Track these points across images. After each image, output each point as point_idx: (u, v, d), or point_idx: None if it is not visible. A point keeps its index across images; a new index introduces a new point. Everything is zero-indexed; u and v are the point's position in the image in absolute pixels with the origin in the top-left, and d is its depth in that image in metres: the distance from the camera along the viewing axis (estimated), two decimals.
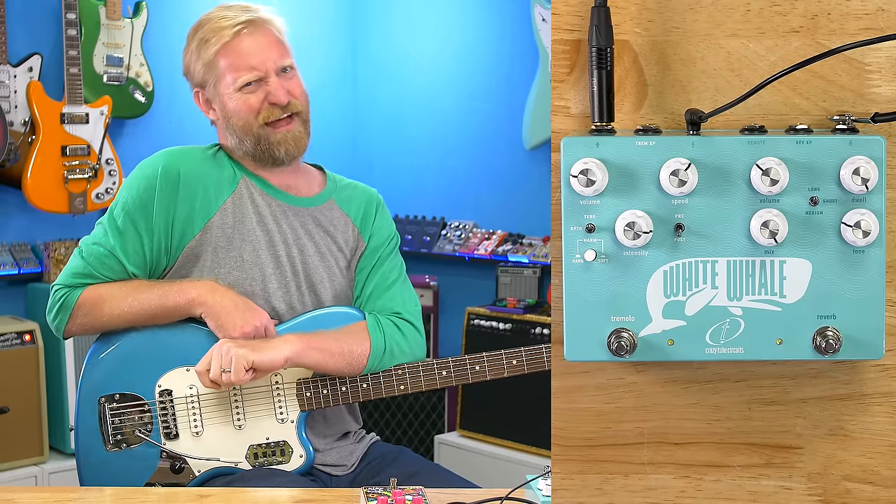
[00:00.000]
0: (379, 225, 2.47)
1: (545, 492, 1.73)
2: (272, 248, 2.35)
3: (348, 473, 2.38)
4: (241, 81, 2.34)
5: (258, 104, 2.34)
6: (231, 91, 2.35)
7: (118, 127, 4.71)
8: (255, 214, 2.35)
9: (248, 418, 2.30)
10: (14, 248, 4.51)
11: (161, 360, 2.30)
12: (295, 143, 2.36)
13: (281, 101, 2.34)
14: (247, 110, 2.34)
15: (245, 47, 2.35)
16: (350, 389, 2.33)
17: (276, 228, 2.36)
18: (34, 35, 4.49)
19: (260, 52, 2.35)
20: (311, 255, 2.38)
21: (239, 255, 2.32)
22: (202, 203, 2.31)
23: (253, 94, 2.34)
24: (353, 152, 5.46)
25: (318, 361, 2.28)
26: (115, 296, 2.28)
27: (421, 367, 2.35)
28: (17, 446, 4.18)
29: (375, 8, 5.45)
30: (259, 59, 2.34)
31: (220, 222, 2.32)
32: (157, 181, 2.30)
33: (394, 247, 2.49)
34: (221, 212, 2.33)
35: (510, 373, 2.36)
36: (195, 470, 2.28)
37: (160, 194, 2.30)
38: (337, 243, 2.42)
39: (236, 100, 2.35)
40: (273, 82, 2.34)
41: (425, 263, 5.06)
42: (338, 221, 2.43)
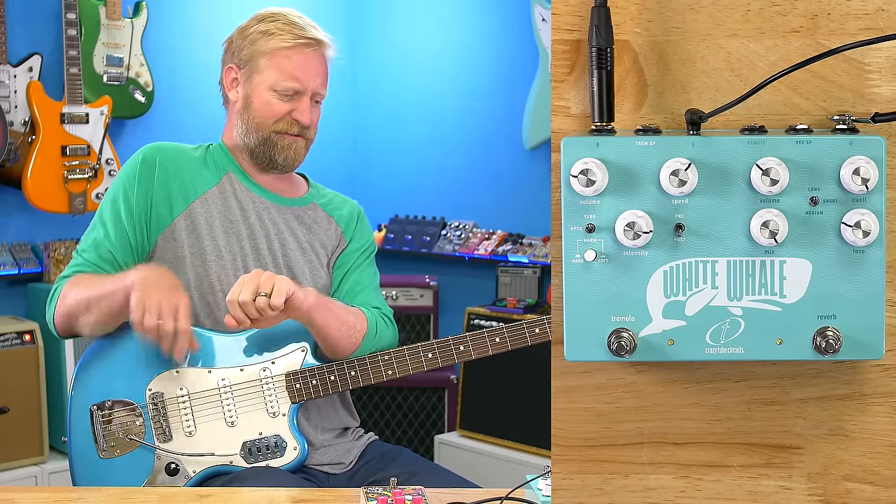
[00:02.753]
0: (360, 231, 2.56)
1: (545, 492, 1.73)
2: (253, 241, 2.41)
3: (345, 472, 2.38)
4: (284, 87, 2.42)
5: (282, 113, 2.43)
6: (265, 88, 2.43)
7: (118, 127, 4.71)
8: (238, 208, 2.43)
9: (240, 414, 2.31)
10: (14, 248, 4.51)
11: (149, 366, 2.32)
12: (295, 155, 2.46)
13: (304, 122, 2.44)
14: (270, 113, 2.43)
15: (302, 60, 2.43)
16: (339, 378, 2.35)
17: (258, 223, 2.43)
18: (34, 35, 4.49)
19: (310, 71, 2.44)
20: (293, 250, 2.45)
21: (220, 246, 2.38)
22: (180, 188, 2.39)
23: (283, 102, 2.43)
24: (352, 152, 5.47)
25: (328, 322, 2.32)
26: (84, 282, 2.33)
27: (406, 350, 2.39)
28: (17, 446, 4.18)
29: (375, 8, 5.45)
30: (306, 77, 2.43)
31: (202, 211, 2.39)
32: (136, 169, 2.40)
33: (371, 254, 2.57)
34: (202, 201, 2.40)
35: (495, 350, 2.40)
36: (190, 470, 2.29)
37: (139, 179, 2.39)
38: (319, 239, 2.49)
39: (267, 98, 2.43)
40: (305, 102, 2.44)
41: (425, 263, 5.06)
42: (321, 220, 2.52)
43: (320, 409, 2.42)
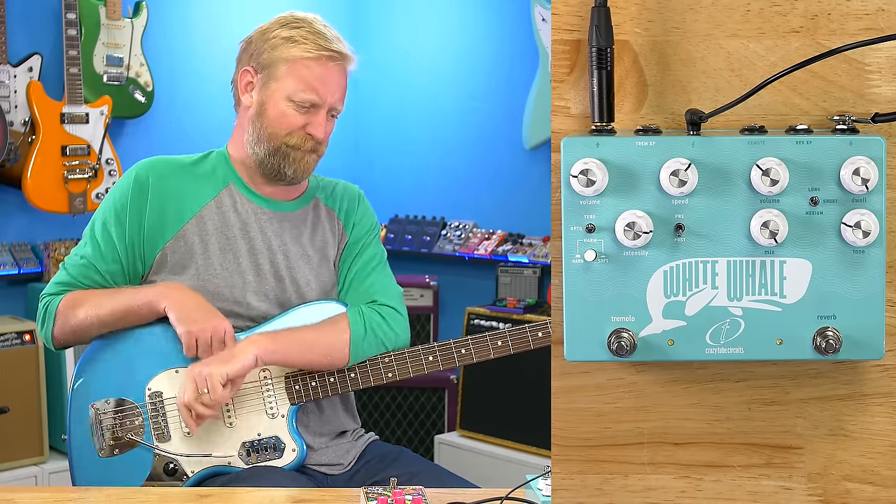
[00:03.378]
0: (361, 215, 2.48)
1: (545, 492, 1.73)
2: (253, 257, 2.36)
3: (344, 472, 2.38)
4: (301, 98, 2.33)
5: (297, 125, 2.34)
6: (282, 97, 2.34)
7: (118, 127, 4.71)
8: (237, 223, 2.37)
9: (239, 415, 2.31)
10: (14, 248, 4.51)
11: (150, 364, 2.32)
12: (304, 169, 2.37)
13: (318, 137, 2.35)
14: (285, 123, 2.34)
15: (323, 73, 2.35)
16: (338, 380, 2.34)
17: (259, 236, 2.37)
18: (34, 35, 4.49)
19: (331, 85, 2.35)
20: (296, 260, 2.39)
21: (219, 264, 2.34)
22: (174, 210, 2.34)
23: (299, 114, 2.34)
24: (353, 152, 5.47)
25: (293, 354, 2.29)
26: (91, 298, 2.32)
27: (407, 353, 2.37)
28: (17, 446, 4.18)
29: (376, 8, 5.45)
30: (326, 91, 2.34)
31: (198, 230, 2.34)
32: (129, 189, 2.34)
33: (374, 235, 2.50)
34: (198, 219, 2.35)
35: (497, 354, 2.38)
36: (188, 470, 2.28)
37: (132, 202, 2.33)
38: (323, 238, 2.44)
39: (282, 107, 2.34)
40: (321, 116, 2.35)
41: (425, 263, 5.06)
42: (324, 218, 2.46)
43: (323, 411, 2.41)
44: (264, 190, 2.41)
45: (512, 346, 2.37)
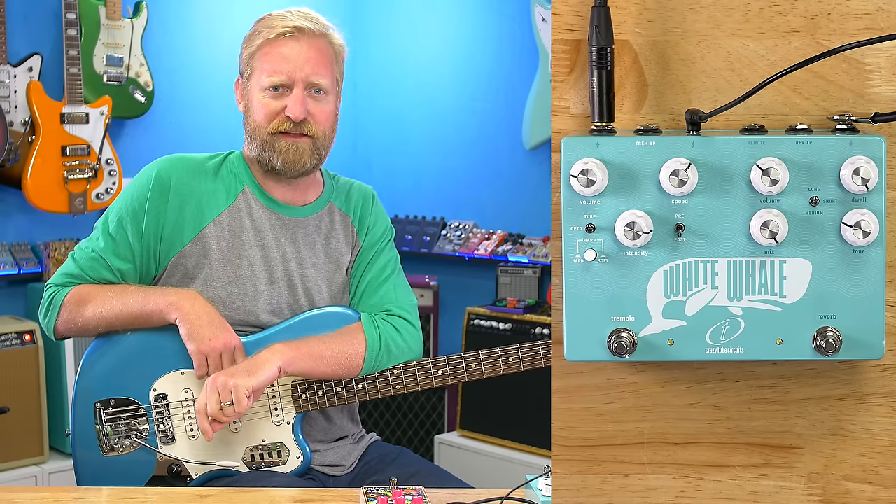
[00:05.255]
0: (374, 220, 2.44)
1: (545, 492, 1.73)
2: (267, 264, 2.32)
3: (347, 474, 2.37)
4: (268, 82, 2.28)
5: (275, 111, 2.29)
6: (257, 90, 2.31)
7: (118, 127, 4.71)
8: (252, 229, 2.33)
9: (244, 421, 2.29)
10: (14, 248, 4.51)
11: (155, 365, 2.30)
12: (295, 157, 2.30)
13: (295, 116, 2.27)
14: (263, 114, 2.30)
15: (284, 51, 2.29)
16: (346, 390, 2.31)
17: (273, 243, 2.34)
18: (34, 35, 4.49)
19: (296, 60, 2.28)
20: (310, 268, 2.36)
21: (233, 271, 2.30)
22: (193, 213, 2.30)
23: (275, 100, 2.29)
24: (352, 152, 5.47)
25: (311, 368, 2.26)
26: (100, 296, 2.29)
27: (416, 366, 2.33)
28: (17, 446, 4.18)
29: (375, 8, 5.45)
30: (291, 67, 2.28)
31: (216, 234, 2.30)
32: (149, 189, 2.30)
33: (388, 241, 2.47)
34: (216, 224, 2.31)
35: (507, 370, 2.33)
36: (192, 473, 2.27)
37: (151, 202, 2.29)
38: (337, 245, 2.40)
39: (259, 99, 2.30)
40: (295, 95, 2.28)
41: (425, 263, 5.07)
42: (338, 224, 2.41)
43: (328, 419, 2.39)
44: (278, 194, 2.37)
45: (523, 363, 2.33)
